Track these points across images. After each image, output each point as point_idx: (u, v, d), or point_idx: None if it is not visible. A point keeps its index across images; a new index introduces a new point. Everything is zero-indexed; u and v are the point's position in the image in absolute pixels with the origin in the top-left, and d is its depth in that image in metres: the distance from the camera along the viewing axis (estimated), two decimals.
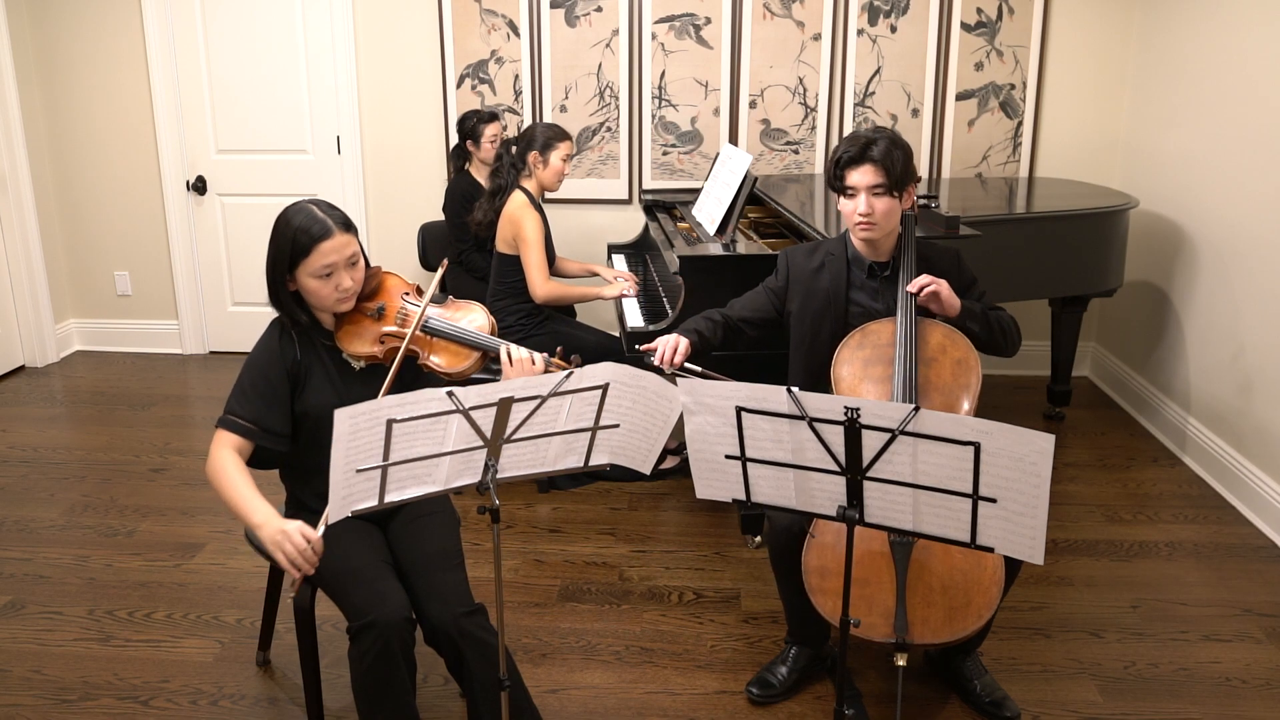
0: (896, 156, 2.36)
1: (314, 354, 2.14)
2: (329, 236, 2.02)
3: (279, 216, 2.07)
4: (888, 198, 2.38)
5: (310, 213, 2.04)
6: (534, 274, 3.55)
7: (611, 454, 1.91)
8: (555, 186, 3.71)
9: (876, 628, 2.11)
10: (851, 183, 2.39)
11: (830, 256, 2.57)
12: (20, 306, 4.92)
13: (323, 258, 2.02)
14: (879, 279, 2.52)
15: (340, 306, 2.10)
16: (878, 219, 2.40)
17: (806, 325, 2.57)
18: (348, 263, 2.05)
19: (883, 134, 2.39)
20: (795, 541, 2.29)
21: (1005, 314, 2.54)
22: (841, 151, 2.40)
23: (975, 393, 2.32)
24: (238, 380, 2.11)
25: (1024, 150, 4.64)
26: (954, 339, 2.37)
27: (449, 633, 2.02)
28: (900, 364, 2.31)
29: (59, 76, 4.91)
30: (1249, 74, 3.50)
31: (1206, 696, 2.48)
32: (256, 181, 4.98)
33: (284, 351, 2.11)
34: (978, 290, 2.55)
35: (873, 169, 2.36)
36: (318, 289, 2.05)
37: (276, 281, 2.08)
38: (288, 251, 2.03)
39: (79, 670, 2.59)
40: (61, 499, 3.57)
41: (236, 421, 2.07)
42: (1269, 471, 3.33)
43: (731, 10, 4.55)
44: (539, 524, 3.39)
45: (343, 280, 2.06)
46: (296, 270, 2.05)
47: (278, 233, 2.05)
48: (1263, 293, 3.40)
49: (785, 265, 2.64)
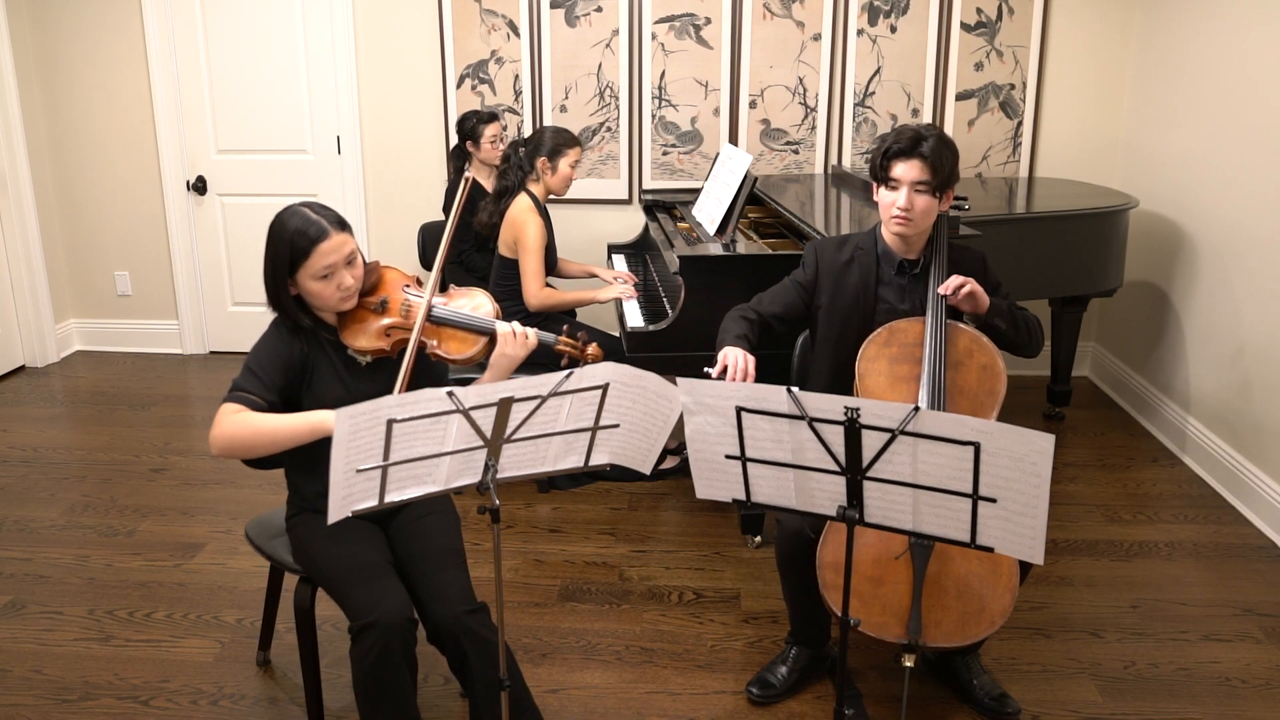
0: (945, 157, 2.34)
1: (320, 351, 2.14)
2: (326, 237, 2.02)
3: (273, 223, 2.06)
4: (929, 196, 2.35)
5: (304, 215, 2.04)
6: (529, 280, 3.53)
7: (611, 454, 1.91)
8: (562, 192, 3.70)
9: (889, 627, 2.11)
10: (896, 175, 2.36)
11: (860, 251, 2.53)
12: (20, 306, 4.92)
13: (322, 259, 2.02)
14: (907, 276, 2.49)
15: (343, 305, 2.10)
16: (915, 216, 2.37)
17: (836, 320, 2.53)
18: (346, 261, 2.05)
19: (934, 131, 2.36)
20: (805, 546, 2.29)
21: (1030, 314, 2.53)
22: (891, 142, 2.36)
23: (1000, 400, 2.30)
24: (245, 365, 2.09)
25: (1024, 150, 4.64)
26: (980, 344, 2.35)
27: (452, 631, 2.02)
28: (929, 365, 2.29)
29: (59, 76, 4.91)
30: (1249, 74, 3.50)
31: (1206, 696, 2.48)
32: (256, 181, 4.98)
33: (291, 343, 2.11)
34: (1003, 292, 2.54)
35: (920, 165, 2.33)
36: (320, 290, 2.05)
37: (277, 287, 2.07)
38: (286, 256, 2.03)
39: (79, 670, 2.59)
40: (61, 499, 3.57)
41: (246, 395, 2.03)
42: (1269, 471, 3.33)
43: (731, 10, 4.56)
44: (539, 524, 3.39)
45: (343, 279, 2.06)
46: (296, 274, 2.05)
47: (274, 239, 2.05)
48: (1263, 293, 3.40)
49: (814, 259, 2.59)
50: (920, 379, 2.30)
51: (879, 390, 2.33)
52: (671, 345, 3.17)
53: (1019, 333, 2.47)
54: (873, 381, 2.35)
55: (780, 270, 3.08)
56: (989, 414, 2.28)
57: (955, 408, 2.28)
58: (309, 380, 2.12)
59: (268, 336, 2.13)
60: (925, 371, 2.30)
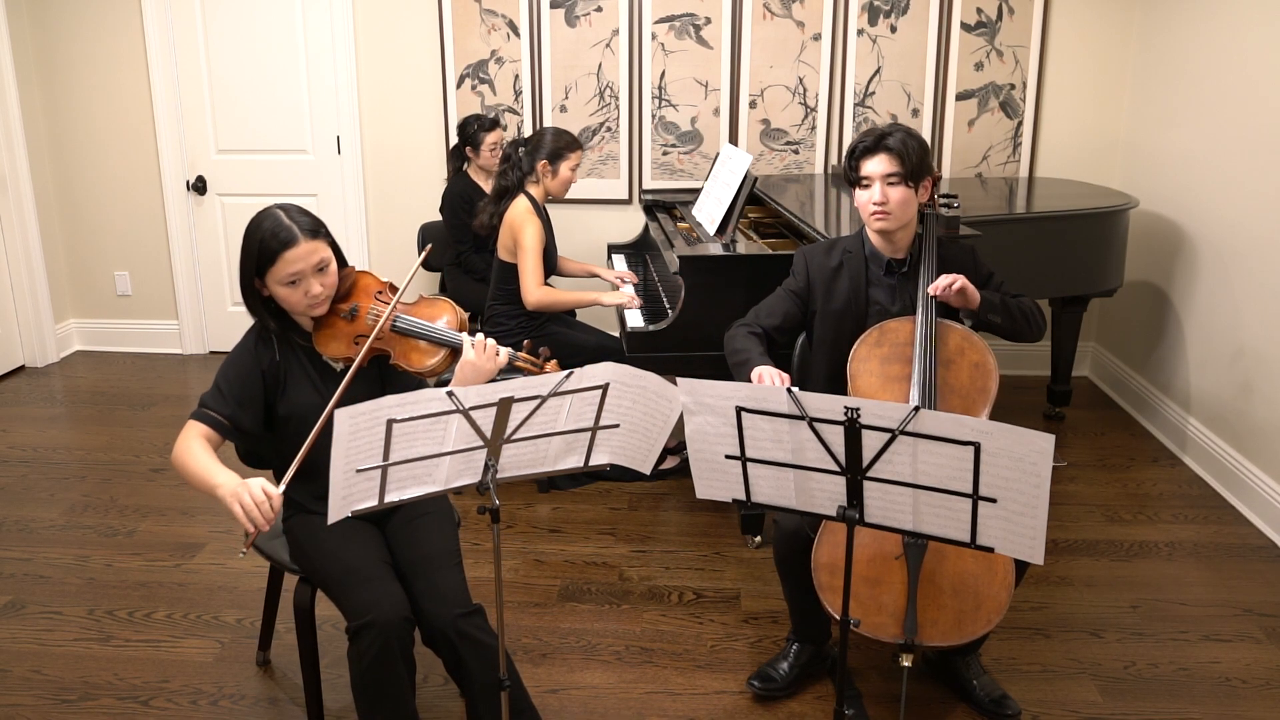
0: (912, 146, 2.37)
1: (293, 356, 2.13)
2: (294, 244, 1.99)
3: (249, 222, 2.05)
4: (903, 187, 2.37)
5: (277, 219, 2.02)
6: (527, 279, 3.50)
7: (611, 454, 1.91)
8: (562, 195, 3.67)
9: (885, 627, 2.11)
10: (866, 172, 2.39)
11: (848, 254, 2.55)
12: (20, 306, 4.92)
13: (288, 266, 2.00)
14: (896, 276, 2.50)
15: (312, 312, 2.08)
16: (893, 208, 2.39)
17: (830, 324, 2.55)
18: (316, 269, 2.03)
19: (898, 127, 2.40)
20: (802, 545, 2.29)
21: (1026, 300, 2.54)
22: (856, 143, 2.41)
23: (992, 397, 2.30)
24: (214, 380, 2.10)
25: (1024, 150, 4.64)
26: (972, 342, 2.36)
27: (446, 633, 2.02)
28: (919, 364, 2.30)
29: (59, 76, 4.91)
30: (1249, 74, 3.50)
31: (1206, 696, 2.48)
32: (256, 181, 4.98)
33: (259, 354, 2.11)
34: (995, 282, 2.55)
35: (888, 157, 2.36)
36: (286, 296, 2.04)
37: (247, 287, 2.07)
38: (254, 258, 2.02)
39: (79, 670, 2.59)
40: (61, 499, 3.57)
41: (210, 414, 2.06)
42: (1269, 471, 3.33)
43: (731, 10, 4.56)
44: (539, 524, 3.39)
45: (311, 287, 2.03)
46: (265, 277, 2.03)
47: (246, 239, 2.04)
48: (1263, 293, 3.40)
49: (804, 266, 2.60)
50: (911, 378, 2.31)
51: (871, 390, 2.34)
52: (671, 345, 3.16)
53: (1016, 322, 2.48)
54: (864, 382, 2.36)
55: (780, 270, 3.08)
56: (981, 411, 2.29)
57: (947, 406, 2.29)
58: (283, 387, 2.12)
59: (239, 348, 2.13)
60: (916, 370, 2.30)
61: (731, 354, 2.52)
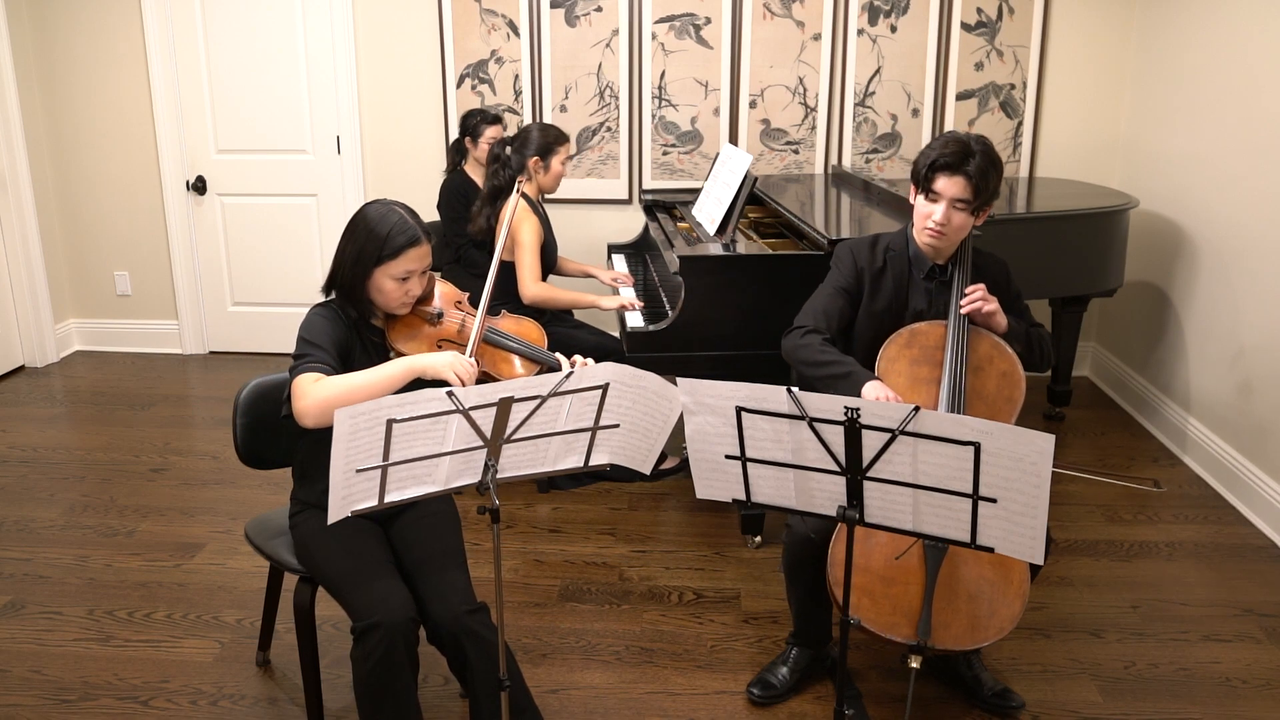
0: (991, 176, 2.28)
1: (359, 345, 2.16)
2: (418, 244, 2.09)
3: (368, 211, 2.11)
4: (967, 214, 2.32)
5: (403, 217, 2.10)
6: (525, 274, 3.50)
7: (612, 454, 1.91)
8: (554, 189, 3.68)
9: (898, 627, 2.11)
10: (938, 188, 2.30)
11: (891, 254, 2.48)
12: (20, 306, 4.92)
13: (407, 263, 2.08)
14: (934, 281, 2.45)
15: (401, 310, 2.15)
16: (950, 231, 2.33)
17: (871, 324, 2.48)
18: (421, 271, 2.12)
19: (981, 146, 2.29)
20: (814, 550, 2.28)
21: (1043, 331, 2.50)
22: (938, 154, 2.29)
23: (1018, 406, 2.29)
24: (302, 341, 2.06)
25: (1024, 150, 4.64)
26: (1001, 350, 2.34)
27: (452, 631, 2.02)
28: (949, 368, 2.29)
29: (59, 76, 4.91)
30: (1249, 74, 3.50)
31: (1206, 696, 2.48)
32: (256, 181, 4.98)
33: (336, 326, 2.11)
34: (1021, 304, 2.52)
35: (965, 183, 2.27)
36: (390, 290, 2.10)
37: (357, 275, 2.08)
38: (377, 249, 2.06)
39: (79, 670, 2.59)
40: (61, 499, 3.57)
41: (319, 365, 2.00)
42: (1269, 471, 3.33)
43: (731, 10, 4.55)
44: (539, 524, 3.39)
45: (413, 287, 2.13)
46: (378, 268, 2.08)
47: (368, 229, 2.08)
48: (1263, 293, 3.40)
49: (851, 260, 2.49)
50: (940, 381, 2.30)
51: (899, 391, 2.31)
52: (671, 345, 3.16)
53: (1032, 354, 2.46)
54: (893, 382, 2.33)
55: (780, 270, 3.10)
56: (1007, 420, 2.28)
57: (974, 412, 2.28)
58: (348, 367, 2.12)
59: (316, 316, 2.12)
60: (946, 374, 2.29)
61: (815, 365, 2.36)
